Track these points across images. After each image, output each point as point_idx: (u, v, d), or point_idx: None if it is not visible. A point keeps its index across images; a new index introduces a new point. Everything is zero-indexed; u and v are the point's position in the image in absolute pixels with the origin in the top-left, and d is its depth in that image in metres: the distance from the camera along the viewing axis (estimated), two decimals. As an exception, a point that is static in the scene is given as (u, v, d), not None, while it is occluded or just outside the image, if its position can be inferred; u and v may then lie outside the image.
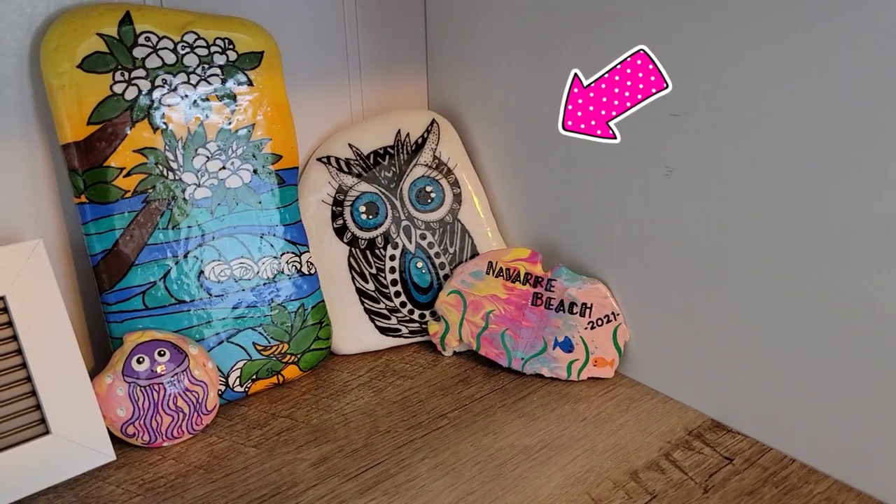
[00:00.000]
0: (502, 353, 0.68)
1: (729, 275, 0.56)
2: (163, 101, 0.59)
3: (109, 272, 0.59)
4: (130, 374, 0.57)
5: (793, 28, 0.47)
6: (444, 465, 0.56)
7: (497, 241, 0.75)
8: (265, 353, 0.66)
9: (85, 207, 0.58)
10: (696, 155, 0.55)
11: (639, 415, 0.62)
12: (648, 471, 0.55)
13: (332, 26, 0.73)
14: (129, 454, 0.58)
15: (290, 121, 0.66)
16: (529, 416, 0.62)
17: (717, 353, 0.59)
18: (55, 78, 0.56)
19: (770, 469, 0.54)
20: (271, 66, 0.64)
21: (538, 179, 0.70)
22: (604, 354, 0.66)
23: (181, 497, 0.53)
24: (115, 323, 0.60)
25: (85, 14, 0.56)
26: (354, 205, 0.72)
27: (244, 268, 0.64)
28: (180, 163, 0.61)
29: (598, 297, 0.65)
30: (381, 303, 0.72)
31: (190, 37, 0.60)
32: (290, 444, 0.59)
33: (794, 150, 0.49)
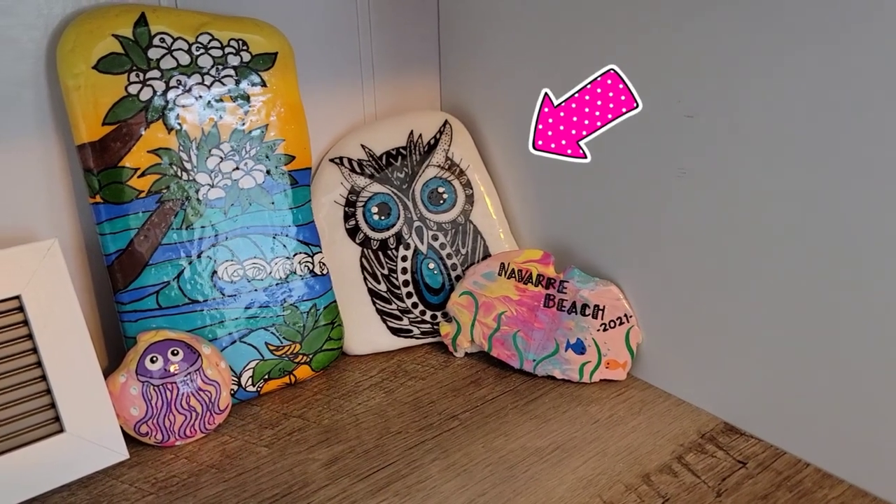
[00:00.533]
0: (514, 355, 0.68)
1: (742, 277, 0.55)
2: (177, 101, 0.60)
3: (124, 272, 0.60)
4: (144, 374, 0.57)
5: (808, 29, 0.47)
6: (456, 467, 0.56)
7: (509, 242, 0.75)
8: (277, 353, 0.66)
9: (100, 207, 0.59)
10: (709, 157, 0.55)
11: (651, 417, 0.61)
12: (661, 474, 0.54)
13: (346, 28, 0.73)
14: (143, 453, 0.58)
15: (303, 122, 0.66)
16: (541, 418, 0.62)
17: (731, 355, 0.58)
18: (71, 79, 0.56)
19: (784, 473, 0.54)
20: (285, 67, 0.64)
21: (551, 181, 0.70)
22: (616, 356, 0.65)
23: (193, 496, 0.53)
24: (128, 322, 0.60)
25: (101, 15, 0.57)
26: (367, 205, 0.72)
27: (257, 268, 0.65)
28: (194, 163, 0.61)
29: (611, 298, 0.65)
30: (392, 303, 0.72)
31: (204, 38, 0.61)
32: (302, 444, 0.59)
33: (809, 151, 0.49)
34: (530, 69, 0.68)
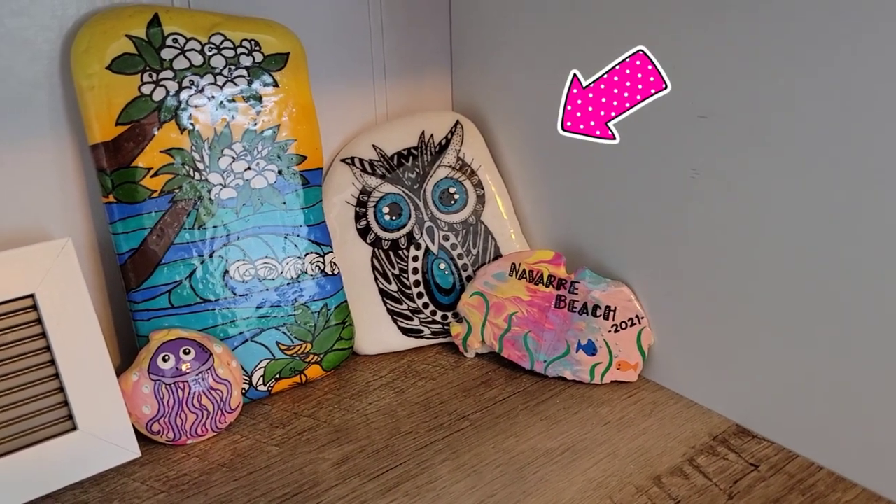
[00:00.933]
0: (525, 356, 0.68)
1: (755, 278, 0.55)
2: (190, 102, 0.60)
3: (136, 271, 0.60)
4: (156, 372, 0.57)
5: (826, 29, 0.46)
6: (466, 467, 0.56)
7: (520, 242, 0.74)
8: (288, 353, 0.66)
9: (113, 207, 0.59)
10: (723, 158, 0.55)
11: (662, 419, 0.61)
12: (672, 476, 0.54)
13: (358, 28, 0.74)
14: (154, 451, 0.59)
15: (314, 122, 0.67)
16: (552, 419, 0.61)
17: (743, 357, 0.58)
18: (85, 79, 0.56)
19: (797, 476, 0.53)
20: (297, 68, 0.65)
21: (562, 181, 0.70)
22: (627, 358, 0.65)
23: (204, 494, 0.54)
24: (141, 321, 0.61)
25: (114, 16, 0.57)
26: (378, 206, 0.72)
27: (268, 268, 0.65)
28: (206, 163, 0.61)
29: (623, 300, 0.64)
30: (403, 304, 0.72)
31: (217, 38, 0.61)
32: (313, 443, 0.59)
33: (825, 152, 0.48)
34: (542, 69, 0.68)
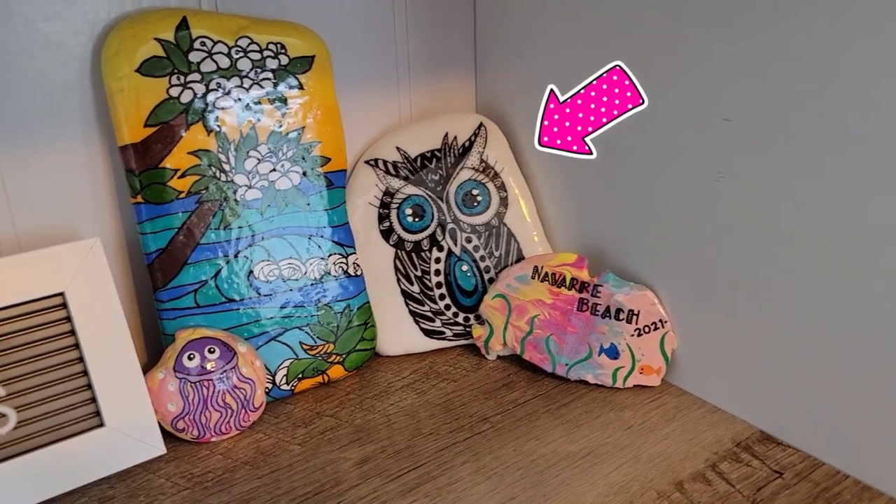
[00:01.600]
0: (546, 359, 0.67)
1: (781, 282, 0.54)
2: (217, 104, 0.61)
3: (163, 270, 0.61)
4: (181, 371, 0.58)
5: (851, 29, 0.46)
6: (486, 470, 0.56)
7: (543, 245, 0.74)
8: (311, 353, 0.67)
9: (141, 207, 0.60)
10: (748, 160, 0.54)
11: (685, 424, 0.60)
12: (694, 482, 0.54)
13: (383, 31, 0.74)
14: (179, 448, 0.60)
15: (339, 124, 0.67)
16: (573, 423, 0.61)
17: (768, 362, 0.57)
18: (115, 81, 0.57)
19: (822, 485, 0.53)
20: (322, 70, 0.65)
21: (585, 183, 0.69)
22: (650, 362, 0.65)
23: (228, 492, 0.54)
24: (167, 320, 0.62)
25: (143, 19, 0.58)
26: (401, 207, 0.72)
27: (292, 268, 0.66)
28: (232, 164, 0.62)
29: (646, 303, 0.64)
30: (425, 305, 0.72)
31: (244, 41, 0.62)
32: (334, 443, 0.60)
33: (851, 155, 0.48)
34: (567, 71, 0.68)
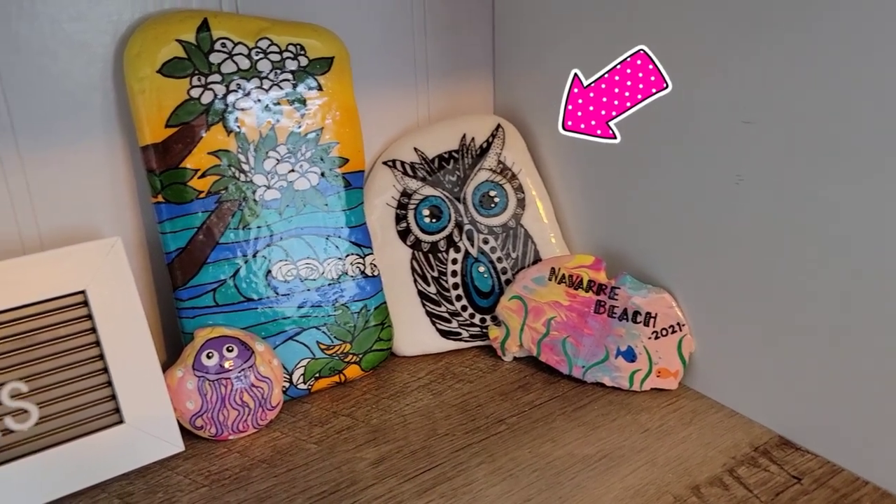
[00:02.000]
0: (563, 361, 0.67)
1: (800, 286, 0.54)
2: (236, 105, 0.61)
3: (183, 269, 0.62)
4: (200, 369, 0.59)
5: (876, 31, 0.45)
6: (502, 471, 0.56)
7: (560, 247, 0.74)
8: (328, 353, 0.67)
9: (161, 207, 0.61)
10: (768, 164, 0.54)
11: (702, 428, 0.60)
12: (711, 486, 0.53)
13: (402, 32, 0.74)
14: (197, 446, 0.60)
15: (357, 125, 0.67)
16: (589, 425, 0.61)
17: (787, 367, 0.57)
18: (137, 82, 0.58)
19: (841, 491, 0.52)
20: (341, 72, 0.66)
21: (603, 185, 0.69)
22: (668, 365, 0.64)
23: (244, 490, 0.55)
24: (186, 318, 0.62)
25: (165, 21, 0.59)
26: (418, 208, 0.72)
27: (310, 268, 0.66)
28: (251, 165, 0.63)
29: (663, 306, 0.64)
30: (442, 306, 0.72)
31: (264, 43, 0.62)
32: (350, 442, 0.60)
33: (873, 159, 0.47)
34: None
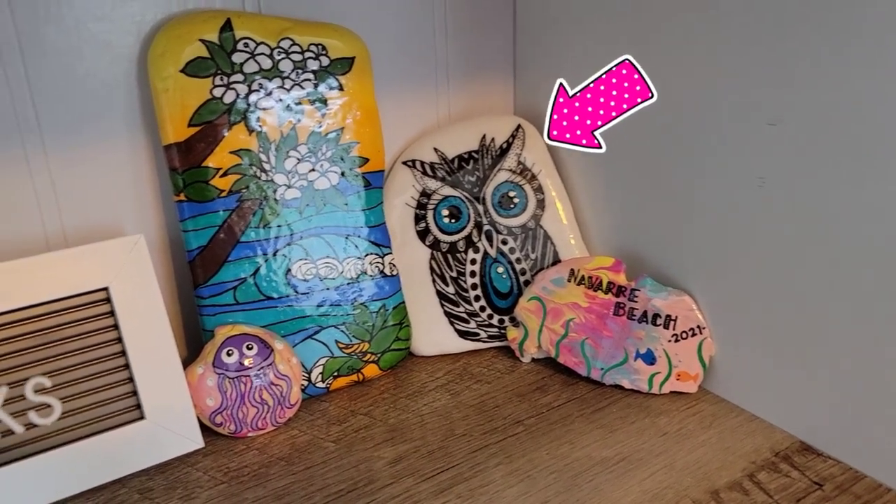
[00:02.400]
0: (581, 362, 0.67)
1: (822, 290, 0.53)
2: (258, 104, 0.62)
3: (204, 267, 0.62)
4: (220, 366, 0.59)
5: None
6: (519, 472, 0.56)
7: (580, 248, 0.74)
8: (347, 352, 0.67)
9: (183, 205, 0.61)
10: (791, 166, 0.53)
11: (722, 432, 0.60)
12: (730, 491, 0.53)
13: (423, 33, 0.74)
14: (216, 442, 0.61)
15: (377, 125, 0.68)
16: (608, 428, 0.61)
17: (809, 371, 0.56)
18: (160, 81, 0.59)
19: (863, 498, 0.52)
20: (362, 72, 0.66)
21: (623, 187, 0.69)
22: (687, 368, 0.64)
23: (263, 487, 0.55)
24: (207, 316, 0.63)
25: (189, 21, 0.59)
26: (437, 208, 0.72)
27: (329, 267, 0.66)
28: (272, 164, 0.63)
29: (684, 309, 0.63)
30: (460, 306, 0.72)
31: (286, 43, 0.62)
32: (368, 441, 0.60)
33: (901, 163, 0.47)
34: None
